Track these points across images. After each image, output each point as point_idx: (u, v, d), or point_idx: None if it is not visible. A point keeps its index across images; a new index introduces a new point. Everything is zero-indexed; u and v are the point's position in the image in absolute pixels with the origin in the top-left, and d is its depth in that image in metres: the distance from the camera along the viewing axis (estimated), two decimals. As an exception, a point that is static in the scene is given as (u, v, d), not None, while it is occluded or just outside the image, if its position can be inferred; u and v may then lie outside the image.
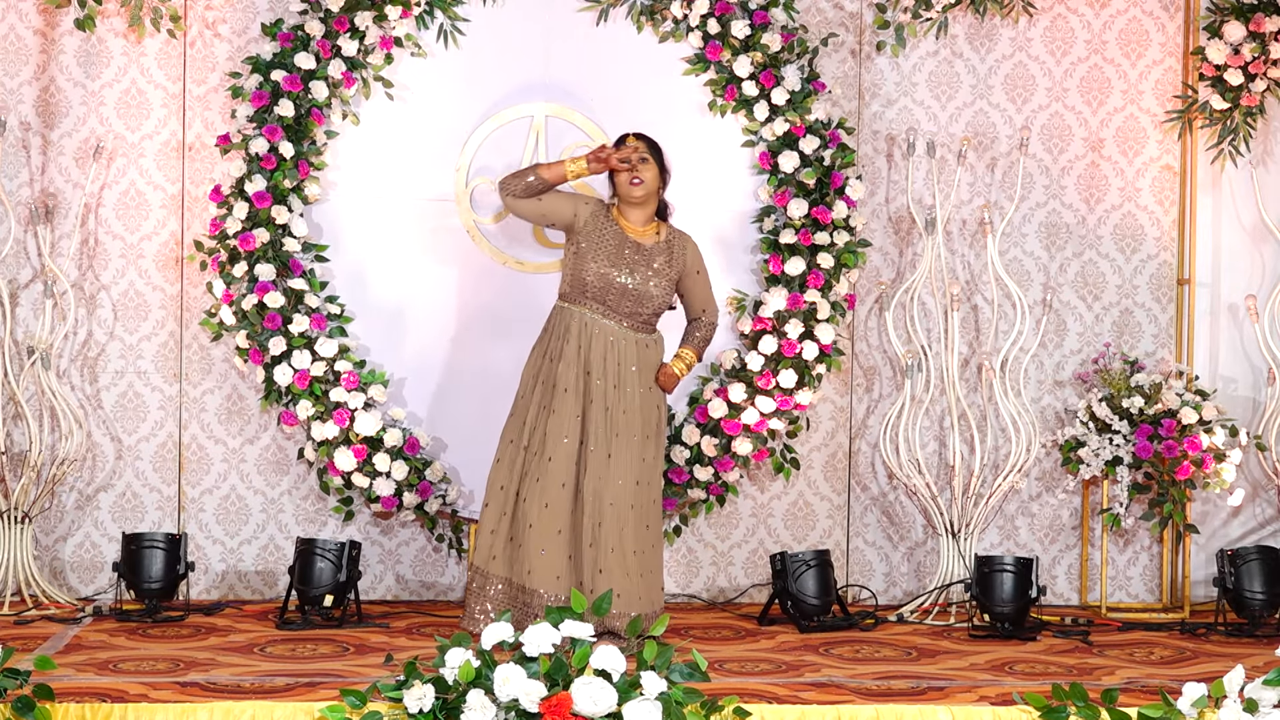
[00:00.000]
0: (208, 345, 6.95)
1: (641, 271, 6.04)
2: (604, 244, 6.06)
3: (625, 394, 6.03)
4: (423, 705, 4.73)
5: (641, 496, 6.03)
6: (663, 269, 6.07)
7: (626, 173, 6.06)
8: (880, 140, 7.10)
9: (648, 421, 6.07)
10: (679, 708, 4.73)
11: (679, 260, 6.12)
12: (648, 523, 6.04)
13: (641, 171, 6.06)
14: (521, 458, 6.05)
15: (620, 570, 5.92)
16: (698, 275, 6.18)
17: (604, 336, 6.04)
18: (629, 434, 6.02)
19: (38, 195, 6.87)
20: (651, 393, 6.09)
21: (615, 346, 6.05)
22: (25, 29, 6.88)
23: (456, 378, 6.95)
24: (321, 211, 6.90)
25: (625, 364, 6.05)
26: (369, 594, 6.96)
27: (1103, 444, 6.75)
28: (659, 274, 6.06)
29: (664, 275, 6.07)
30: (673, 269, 6.09)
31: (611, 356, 6.04)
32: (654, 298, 6.05)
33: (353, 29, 6.75)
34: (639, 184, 6.06)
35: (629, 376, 6.04)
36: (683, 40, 6.94)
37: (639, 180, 6.06)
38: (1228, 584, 6.61)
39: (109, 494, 6.96)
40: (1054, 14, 7.13)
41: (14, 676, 4.87)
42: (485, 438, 6.91)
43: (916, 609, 6.82)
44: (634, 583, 5.95)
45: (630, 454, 6.00)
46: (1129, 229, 7.17)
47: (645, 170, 6.07)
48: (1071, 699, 5.00)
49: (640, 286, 6.02)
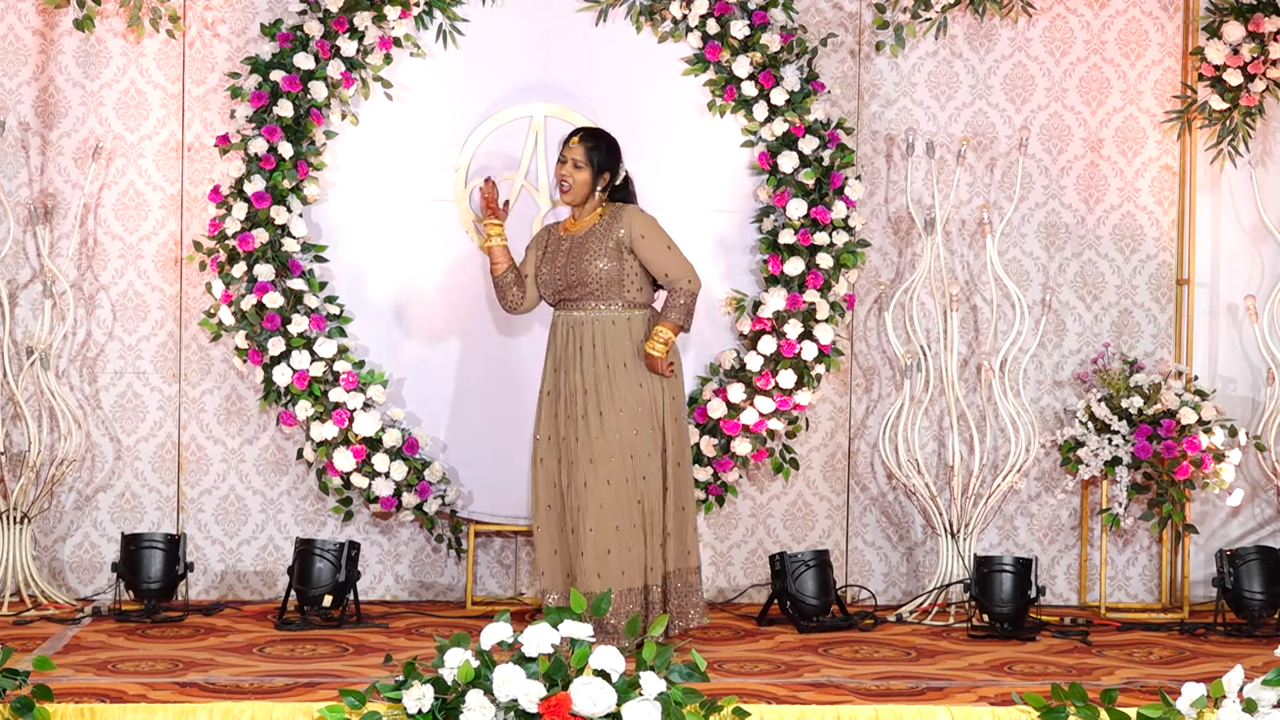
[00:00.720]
0: (207, 345, 6.95)
1: (577, 254, 6.07)
2: (544, 251, 6.20)
3: (613, 372, 6.06)
4: (422, 705, 4.73)
5: (637, 470, 6.03)
6: (600, 244, 6.06)
7: (558, 174, 6.15)
8: (879, 140, 7.10)
9: (635, 396, 6.05)
10: (678, 708, 4.73)
11: (617, 230, 6.09)
12: (640, 497, 6.03)
13: (569, 176, 6.12)
14: (556, 471, 6.09)
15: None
16: (644, 240, 6.09)
17: (581, 325, 6.09)
18: (613, 410, 6.03)
19: (37, 195, 6.87)
20: (637, 369, 6.08)
21: (593, 329, 6.08)
22: (24, 29, 6.88)
23: (455, 378, 6.94)
24: (320, 212, 6.90)
25: (610, 344, 6.08)
26: (368, 594, 6.96)
27: (1102, 444, 6.75)
28: (597, 251, 6.05)
29: (603, 251, 6.05)
30: (611, 238, 6.06)
31: (590, 339, 6.08)
32: (603, 273, 6.04)
33: (352, 29, 6.75)
34: (567, 189, 6.15)
35: (615, 356, 6.07)
36: (682, 40, 6.94)
37: (568, 186, 6.14)
38: (1227, 584, 6.61)
39: (108, 494, 6.96)
40: (1053, 14, 7.13)
41: (13, 677, 4.87)
42: (484, 438, 6.92)
43: (916, 609, 6.82)
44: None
45: (622, 427, 6.02)
46: (1128, 229, 7.17)
47: (577, 174, 6.12)
48: (1071, 699, 5.00)
49: (578, 269, 6.05)
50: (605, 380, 6.04)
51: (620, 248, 6.06)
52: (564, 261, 6.09)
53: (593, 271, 6.03)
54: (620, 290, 6.08)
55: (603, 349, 6.07)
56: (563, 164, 6.14)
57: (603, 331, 6.08)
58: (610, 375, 6.04)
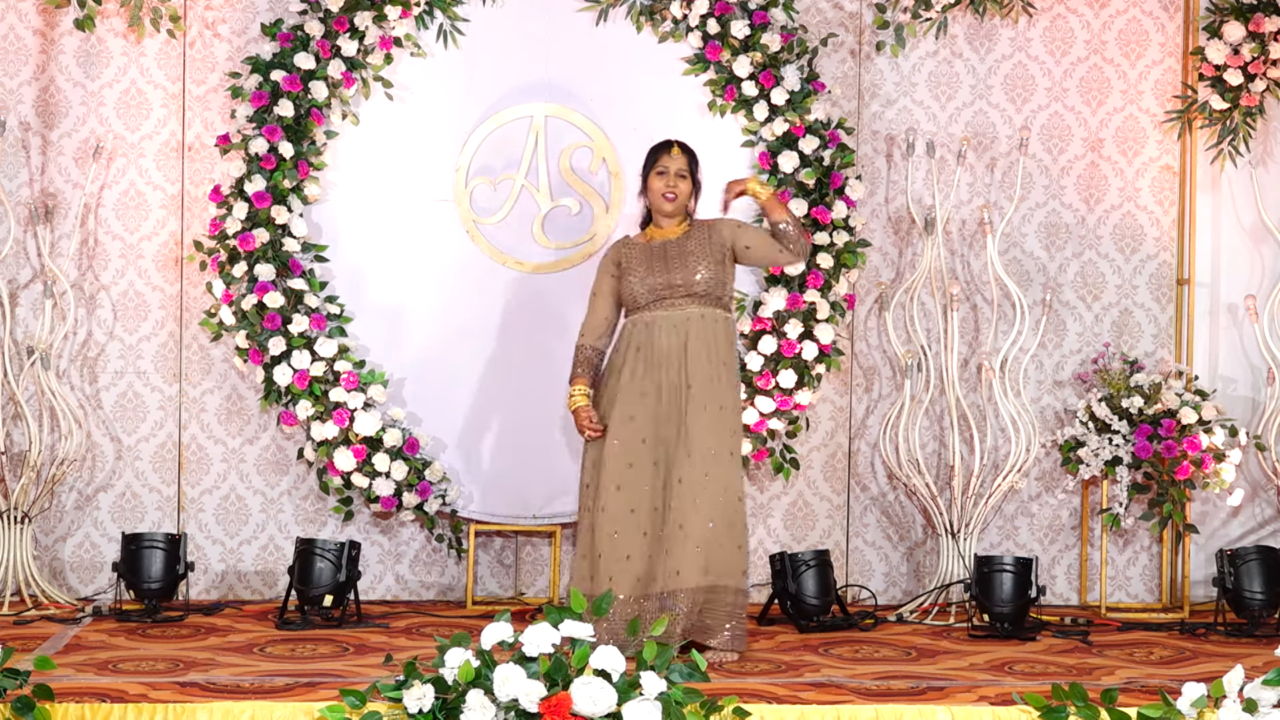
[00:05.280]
0: (207, 345, 6.95)
1: (678, 259, 6.00)
2: (633, 263, 6.05)
3: (715, 370, 5.98)
4: (422, 705, 4.73)
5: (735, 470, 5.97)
6: (702, 252, 6.01)
7: (662, 185, 6.06)
8: (880, 140, 7.10)
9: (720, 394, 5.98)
10: (678, 708, 4.73)
11: (715, 239, 6.04)
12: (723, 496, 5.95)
13: (678, 186, 6.07)
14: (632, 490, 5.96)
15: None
16: (740, 228, 6.10)
17: (686, 323, 5.99)
18: (716, 408, 5.96)
19: (37, 195, 6.87)
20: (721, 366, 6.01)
21: (699, 326, 5.99)
22: (25, 29, 6.88)
23: (456, 378, 6.95)
24: (321, 211, 6.90)
25: (714, 345, 5.99)
26: (368, 594, 6.96)
27: (1102, 444, 6.76)
28: (700, 259, 5.99)
29: (707, 259, 6.00)
30: (714, 247, 6.03)
31: (676, 338, 5.98)
32: (709, 280, 5.98)
33: (352, 29, 6.75)
34: (673, 199, 6.06)
35: (717, 357, 5.99)
36: (682, 40, 6.94)
37: (673, 196, 6.06)
38: (1227, 584, 6.61)
39: (108, 494, 6.96)
40: (1053, 14, 7.13)
41: (14, 676, 4.87)
42: (484, 438, 6.93)
43: (916, 609, 6.82)
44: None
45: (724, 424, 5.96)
46: (1128, 229, 7.17)
47: (681, 184, 6.08)
48: (1071, 699, 5.00)
49: (684, 274, 5.98)
50: (711, 379, 5.96)
51: (724, 254, 6.04)
52: (666, 266, 6.00)
53: (698, 278, 5.97)
54: (719, 297, 6.04)
55: (706, 348, 5.98)
56: (663, 175, 6.06)
57: (709, 331, 6.00)
58: (714, 374, 5.97)
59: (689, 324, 5.99)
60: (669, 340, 5.97)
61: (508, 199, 6.94)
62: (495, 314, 6.95)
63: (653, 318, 6.01)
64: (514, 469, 6.93)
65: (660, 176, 6.07)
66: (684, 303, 6.00)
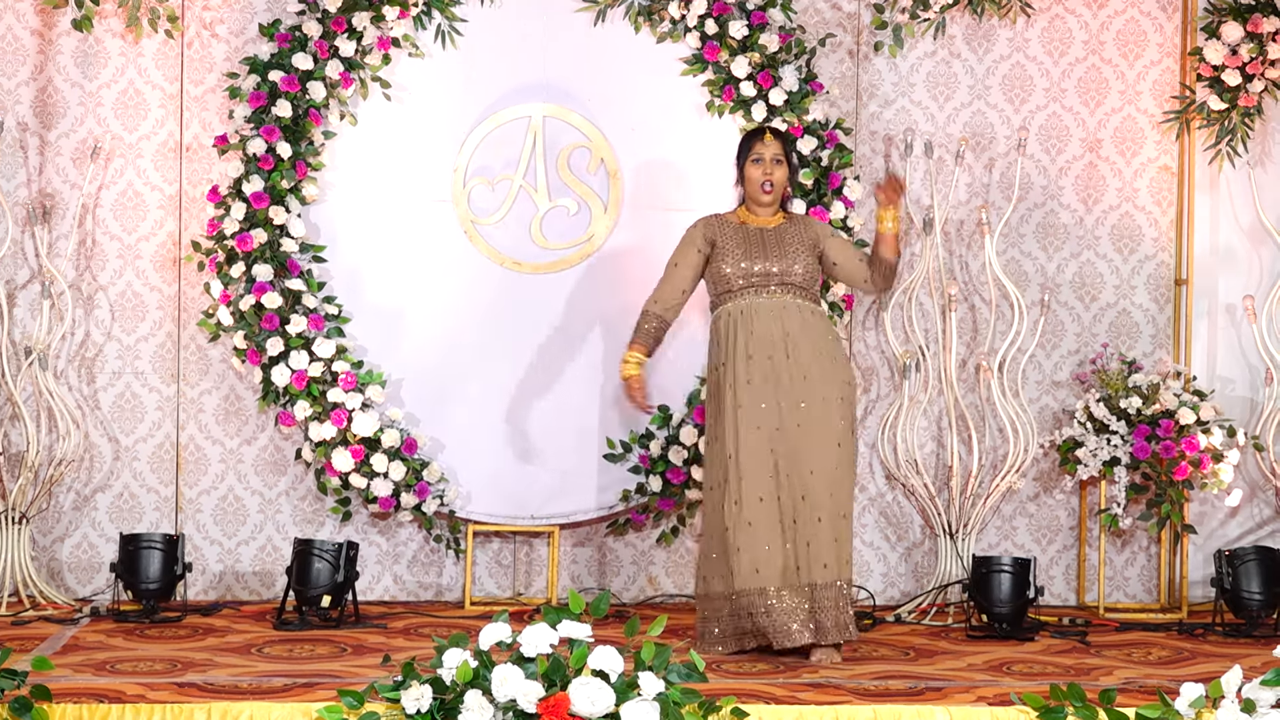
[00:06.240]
0: (205, 346, 6.95)
1: (777, 248, 5.98)
2: (730, 242, 6.01)
3: (822, 359, 5.94)
4: (420, 706, 4.73)
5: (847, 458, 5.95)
6: (799, 243, 6.01)
7: (759, 174, 6.02)
8: (878, 141, 7.10)
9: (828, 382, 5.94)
10: (677, 708, 4.73)
11: (809, 236, 6.04)
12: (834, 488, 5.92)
13: (774, 174, 6.04)
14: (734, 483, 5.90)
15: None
16: (833, 236, 6.10)
17: (785, 310, 5.95)
18: (835, 397, 5.92)
19: (35, 196, 6.87)
20: (829, 361, 5.97)
21: (779, 317, 5.95)
22: (23, 29, 6.88)
23: (454, 378, 6.94)
24: (319, 212, 6.90)
25: (815, 334, 5.95)
26: (366, 594, 6.95)
27: (1100, 444, 6.76)
28: (799, 250, 5.99)
29: (804, 250, 6.00)
30: (807, 241, 6.03)
31: (777, 327, 5.93)
32: (807, 272, 5.97)
33: (350, 29, 6.75)
34: (770, 189, 6.04)
35: (824, 347, 5.95)
36: (680, 40, 6.94)
37: (770, 186, 6.04)
38: (1225, 584, 6.61)
39: (106, 494, 6.95)
40: (1051, 14, 7.13)
41: (11, 677, 4.86)
42: (483, 438, 6.92)
43: (914, 609, 6.82)
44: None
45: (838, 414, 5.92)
46: (1127, 229, 7.17)
47: (777, 171, 6.05)
48: (1069, 699, 5.00)
49: (784, 263, 5.95)
50: (824, 371, 5.91)
51: (816, 252, 6.04)
52: (765, 253, 5.96)
53: (797, 269, 5.96)
54: (812, 290, 6.03)
55: (810, 338, 5.94)
56: (759, 162, 6.01)
57: (809, 321, 5.97)
58: (822, 363, 5.93)
59: (785, 312, 5.94)
60: (769, 328, 5.91)
61: (506, 199, 6.94)
62: (493, 314, 6.94)
63: (749, 304, 5.95)
64: (512, 469, 6.93)
65: (756, 164, 6.04)
66: (778, 291, 5.95)
